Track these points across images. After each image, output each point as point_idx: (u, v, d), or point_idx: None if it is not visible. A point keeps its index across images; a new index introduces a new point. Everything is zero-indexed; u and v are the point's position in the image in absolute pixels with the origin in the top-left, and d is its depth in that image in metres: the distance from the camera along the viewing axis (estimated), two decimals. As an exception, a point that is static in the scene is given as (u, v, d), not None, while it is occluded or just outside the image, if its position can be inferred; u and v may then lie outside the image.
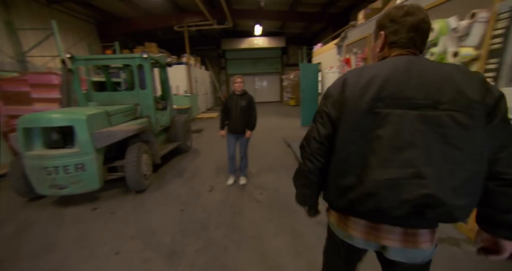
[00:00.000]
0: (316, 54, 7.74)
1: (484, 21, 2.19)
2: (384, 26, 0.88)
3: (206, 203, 2.97)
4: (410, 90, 0.75)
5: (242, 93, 3.19)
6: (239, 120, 3.18)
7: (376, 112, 0.77)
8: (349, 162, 0.82)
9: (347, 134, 0.82)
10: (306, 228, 2.37)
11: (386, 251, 0.86)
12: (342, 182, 0.84)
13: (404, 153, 0.75)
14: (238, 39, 14.76)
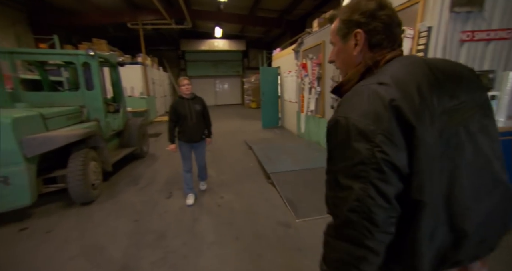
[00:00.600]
0: (275, 58, 7.99)
1: (410, 37, 2.52)
2: (360, 23, 0.69)
3: (164, 211, 2.79)
4: (453, 97, 0.63)
5: (192, 97, 2.82)
6: (196, 128, 2.81)
7: (448, 134, 0.61)
8: (434, 214, 0.60)
9: (431, 177, 0.58)
10: (266, 230, 2.39)
11: None
12: (430, 245, 0.61)
13: (483, 173, 0.64)
14: (198, 41, 14.44)
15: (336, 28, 0.76)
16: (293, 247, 2.11)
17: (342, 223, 0.60)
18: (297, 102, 6.24)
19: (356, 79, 0.72)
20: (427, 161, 0.57)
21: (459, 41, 2.34)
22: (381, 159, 0.55)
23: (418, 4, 2.46)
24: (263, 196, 3.10)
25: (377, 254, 0.59)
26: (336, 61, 0.81)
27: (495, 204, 0.65)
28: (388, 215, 0.57)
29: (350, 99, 0.64)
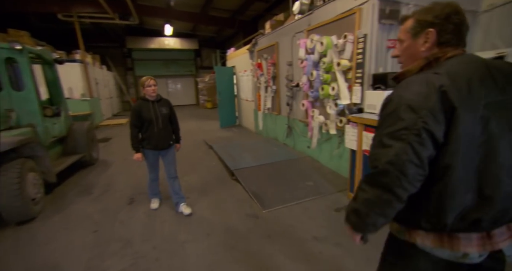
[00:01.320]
0: (230, 58, 8.08)
1: (351, 42, 2.92)
2: (434, 24, 0.80)
3: (128, 217, 2.66)
4: (504, 92, 0.75)
5: (158, 99, 2.51)
6: (163, 134, 2.51)
7: (490, 120, 0.73)
8: (462, 180, 0.73)
9: (463, 149, 0.72)
10: (236, 223, 2.51)
11: (501, 254, 0.85)
12: (454, 202, 0.74)
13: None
14: (146, 38, 13.49)
15: (409, 26, 0.86)
16: (263, 235, 2.28)
17: (379, 171, 0.75)
18: (253, 100, 6.46)
19: (415, 71, 0.84)
20: (463, 136, 0.70)
21: (386, 47, 2.83)
22: (422, 127, 0.70)
23: (355, 14, 2.87)
24: (229, 192, 3.20)
25: (400, 201, 0.75)
26: (401, 56, 0.93)
27: None
28: (417, 171, 0.72)
29: (406, 84, 0.79)
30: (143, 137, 2.52)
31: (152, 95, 2.45)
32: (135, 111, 2.44)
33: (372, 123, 2.33)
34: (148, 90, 2.42)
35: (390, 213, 0.79)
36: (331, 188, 3.08)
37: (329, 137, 3.61)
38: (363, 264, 1.86)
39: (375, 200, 0.78)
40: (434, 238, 0.81)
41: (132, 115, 2.46)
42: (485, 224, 0.76)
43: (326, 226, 2.36)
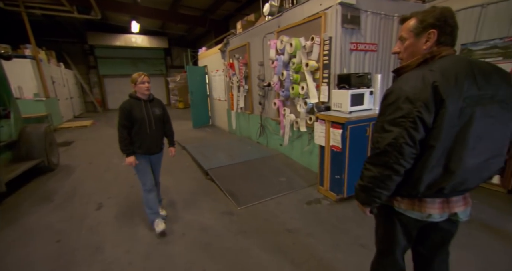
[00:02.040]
0: (201, 57, 7.98)
1: (318, 44, 3.10)
2: (435, 25, 0.94)
3: (96, 223, 2.53)
4: (481, 88, 0.90)
5: (151, 98, 2.27)
6: (155, 136, 2.28)
7: (465, 111, 0.89)
8: (437, 157, 0.92)
9: (444, 133, 0.89)
10: (212, 221, 2.52)
11: (456, 216, 1.05)
12: (429, 175, 0.94)
13: (482, 142, 0.93)
14: (111, 35, 12.66)
15: (411, 26, 0.99)
16: (238, 231, 2.33)
17: (380, 152, 0.94)
18: (226, 100, 6.47)
19: (413, 66, 0.99)
20: (446, 123, 0.88)
21: (349, 49, 3.06)
22: (416, 116, 0.87)
23: (321, 18, 3.05)
24: (204, 191, 3.19)
25: (399, 175, 0.94)
26: (402, 52, 1.06)
27: (485, 166, 0.97)
28: (411, 151, 0.90)
29: (406, 78, 0.95)
30: (133, 140, 2.22)
31: (145, 93, 2.20)
32: (125, 111, 2.15)
33: (338, 120, 2.51)
34: (141, 87, 2.16)
35: (391, 186, 0.98)
36: (302, 183, 3.23)
37: (300, 134, 3.78)
38: (332, 250, 2.01)
39: (379, 176, 0.97)
40: (407, 202, 1.04)
41: (121, 115, 2.16)
42: (446, 191, 0.98)
43: (298, 218, 2.49)
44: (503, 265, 1.81)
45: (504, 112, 0.94)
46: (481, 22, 3.01)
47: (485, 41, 3.00)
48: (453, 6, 3.22)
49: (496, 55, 2.93)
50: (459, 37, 2.96)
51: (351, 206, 2.65)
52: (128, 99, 2.22)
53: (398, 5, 3.29)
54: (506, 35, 2.83)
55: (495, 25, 2.90)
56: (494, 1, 2.88)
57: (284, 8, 3.93)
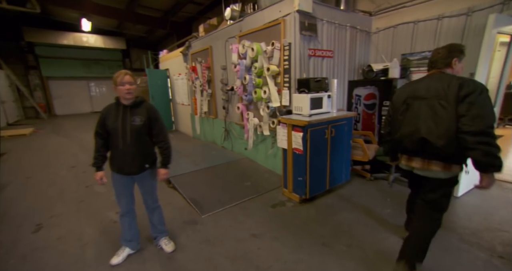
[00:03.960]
0: (163, 60, 7.65)
1: (278, 49, 3.18)
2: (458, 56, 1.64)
3: (32, 249, 2.18)
4: (422, 91, 1.59)
5: (134, 103, 1.81)
6: (130, 153, 1.81)
7: (407, 103, 1.65)
8: (395, 128, 1.71)
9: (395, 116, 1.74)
10: (175, 231, 2.37)
11: (414, 170, 1.69)
12: (394, 136, 1.73)
13: (415, 120, 1.57)
14: (55, 32, 11.36)
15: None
16: (202, 240, 2.22)
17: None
18: (189, 104, 6.27)
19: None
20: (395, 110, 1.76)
21: (308, 55, 3.19)
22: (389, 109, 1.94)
23: (280, 24, 3.13)
24: (166, 201, 3.00)
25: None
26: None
27: (412, 133, 1.59)
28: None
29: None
30: (110, 155, 1.89)
31: (126, 97, 1.76)
32: (101, 116, 1.83)
33: (299, 124, 2.58)
34: (121, 90, 1.73)
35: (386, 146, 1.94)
36: (267, 186, 3.25)
37: (263, 138, 3.81)
38: (296, 251, 2.03)
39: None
40: (403, 159, 1.75)
41: (97, 120, 1.85)
42: (402, 150, 1.74)
43: (263, 222, 2.47)
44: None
45: (437, 104, 1.55)
46: (415, 36, 3.41)
47: (418, 52, 3.40)
48: (391, 21, 3.63)
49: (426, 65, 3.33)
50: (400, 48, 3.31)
51: (314, 206, 2.73)
52: (111, 103, 1.86)
53: (349, 16, 3.56)
54: (433, 48, 3.25)
55: (425, 39, 3.31)
56: (422, 19, 3.29)
57: (245, 13, 3.97)
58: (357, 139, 3.27)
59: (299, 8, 2.88)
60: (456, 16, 2.98)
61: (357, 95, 3.65)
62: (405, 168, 1.76)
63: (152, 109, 1.87)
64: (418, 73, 3.43)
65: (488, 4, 2.72)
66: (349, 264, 1.86)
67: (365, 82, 3.56)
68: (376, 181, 3.32)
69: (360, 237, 2.18)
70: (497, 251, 1.94)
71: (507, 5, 2.61)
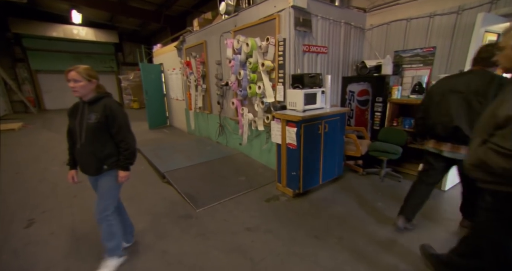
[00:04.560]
0: (156, 54, 7.53)
1: (273, 45, 3.18)
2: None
3: (24, 244, 2.17)
4: (461, 87, 1.75)
5: (92, 100, 1.69)
6: (86, 153, 1.69)
7: (444, 95, 1.83)
8: (429, 115, 1.92)
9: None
10: (169, 226, 2.40)
11: (443, 153, 1.90)
12: (427, 122, 1.96)
13: (450, 111, 1.78)
14: (44, 24, 11.00)
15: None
16: (197, 234, 2.25)
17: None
18: (184, 100, 6.23)
19: None
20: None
21: (302, 51, 3.20)
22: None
23: (275, 20, 3.12)
24: (160, 195, 3.01)
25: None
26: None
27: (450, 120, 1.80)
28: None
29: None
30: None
31: (74, 95, 1.67)
32: (67, 113, 1.76)
33: (293, 119, 2.60)
34: (70, 85, 1.64)
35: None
36: (261, 181, 3.28)
37: (258, 133, 3.83)
38: (289, 243, 2.08)
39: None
40: (432, 143, 1.98)
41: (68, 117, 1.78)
42: (433, 136, 1.96)
43: (257, 216, 2.51)
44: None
45: (475, 100, 1.74)
46: (407, 33, 3.46)
47: (410, 50, 3.45)
48: (385, 18, 3.67)
49: (418, 62, 3.40)
50: (393, 45, 3.35)
51: (307, 200, 2.79)
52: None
53: (343, 12, 3.58)
54: (424, 46, 3.30)
55: (417, 36, 3.36)
56: (415, 16, 3.33)
57: (240, 7, 3.94)
58: (350, 135, 3.32)
59: (294, 4, 2.88)
60: (447, 14, 3.03)
61: (351, 91, 3.69)
62: (433, 151, 1.96)
63: (109, 106, 1.69)
64: (410, 70, 3.49)
65: (477, 3, 2.77)
66: (340, 255, 1.92)
67: (358, 78, 3.60)
68: (368, 176, 3.39)
69: (351, 230, 2.24)
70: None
71: (495, 4, 2.66)
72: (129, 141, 1.75)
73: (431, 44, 3.24)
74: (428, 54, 3.29)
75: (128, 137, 1.75)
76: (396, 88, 3.33)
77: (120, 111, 1.73)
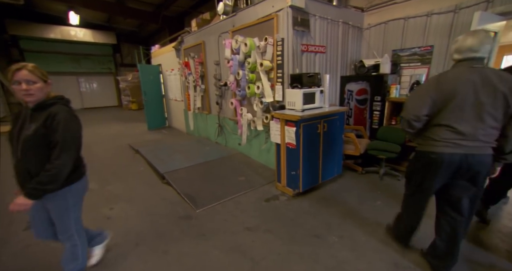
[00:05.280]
0: (155, 55, 7.53)
1: (271, 44, 3.18)
2: None
3: (24, 245, 2.16)
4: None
5: (38, 106, 1.36)
6: (22, 169, 1.38)
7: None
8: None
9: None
10: (169, 226, 2.39)
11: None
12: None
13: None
14: (42, 26, 10.96)
15: None
16: (197, 235, 2.25)
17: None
18: (183, 100, 6.23)
19: None
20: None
21: (301, 51, 3.21)
22: None
23: (273, 19, 3.13)
24: (160, 196, 3.01)
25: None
26: None
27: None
28: None
29: None
30: None
31: (26, 100, 1.34)
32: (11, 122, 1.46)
33: (292, 119, 2.61)
34: (17, 91, 1.31)
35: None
36: (261, 181, 3.28)
37: (257, 133, 3.83)
38: (288, 243, 2.08)
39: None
40: None
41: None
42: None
43: (257, 216, 2.52)
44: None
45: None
46: (405, 32, 3.47)
47: (408, 48, 3.47)
48: (383, 17, 3.68)
49: (416, 61, 3.42)
50: (390, 44, 3.37)
51: (307, 199, 2.79)
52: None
53: (341, 11, 3.59)
54: (422, 45, 3.32)
55: (414, 35, 3.38)
56: (412, 15, 3.34)
57: (238, 8, 3.94)
58: (349, 134, 3.33)
59: (292, 4, 2.88)
60: (444, 13, 3.05)
61: (349, 91, 3.70)
62: None
63: (53, 115, 1.33)
64: (408, 69, 3.50)
65: (474, 2, 2.79)
66: (340, 254, 1.93)
67: (357, 77, 3.61)
68: (367, 175, 3.40)
69: (351, 228, 2.24)
70: (479, 239, 2.03)
71: (492, 3, 2.68)
72: (61, 162, 1.32)
73: (428, 43, 3.26)
74: (426, 53, 3.30)
75: (62, 157, 1.32)
76: (395, 87, 3.35)
77: (65, 123, 1.34)
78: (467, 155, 1.46)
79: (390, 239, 2.06)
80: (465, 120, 1.43)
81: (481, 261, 1.81)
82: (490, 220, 2.26)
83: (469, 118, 1.43)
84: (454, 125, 1.45)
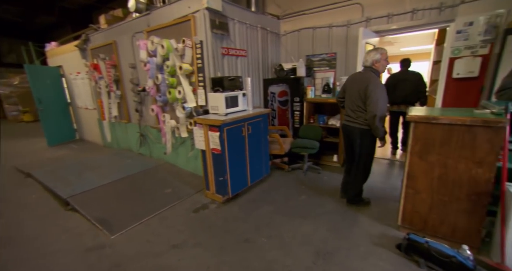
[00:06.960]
0: (52, 54, 6.23)
1: (190, 47, 3.04)
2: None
3: None
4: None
5: None
6: None
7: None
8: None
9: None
10: (73, 265, 1.95)
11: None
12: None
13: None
14: None
15: None
16: (110, 266, 1.89)
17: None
18: (95, 108, 5.35)
19: None
20: None
21: (221, 54, 3.17)
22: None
23: (190, 21, 2.99)
24: (61, 228, 2.44)
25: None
26: None
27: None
28: None
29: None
30: None
31: None
32: None
33: (215, 123, 2.53)
34: None
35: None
36: (190, 190, 3.08)
37: (183, 140, 3.60)
38: (219, 253, 1.98)
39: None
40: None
41: None
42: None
43: (184, 230, 2.32)
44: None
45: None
46: (314, 40, 3.91)
47: (318, 54, 3.92)
48: (296, 25, 4.05)
49: (325, 65, 3.90)
50: (304, 49, 3.75)
51: (237, 204, 2.76)
52: None
53: (259, 17, 3.75)
54: (328, 51, 3.81)
55: (322, 43, 3.84)
56: (318, 26, 3.80)
57: (153, 6, 3.63)
58: (274, 134, 3.49)
59: (208, 6, 2.82)
60: (340, 26, 3.56)
61: (272, 93, 3.90)
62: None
63: None
64: (320, 72, 3.94)
65: (358, 20, 3.39)
66: (269, 255, 1.95)
67: (277, 80, 3.83)
68: (293, 171, 3.63)
69: (278, 227, 2.31)
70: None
71: (369, 22, 3.31)
72: None
73: (333, 50, 3.74)
74: (332, 59, 3.78)
75: None
76: (310, 89, 3.69)
77: None
78: None
79: (361, 206, 2.59)
80: None
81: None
82: None
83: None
84: None
